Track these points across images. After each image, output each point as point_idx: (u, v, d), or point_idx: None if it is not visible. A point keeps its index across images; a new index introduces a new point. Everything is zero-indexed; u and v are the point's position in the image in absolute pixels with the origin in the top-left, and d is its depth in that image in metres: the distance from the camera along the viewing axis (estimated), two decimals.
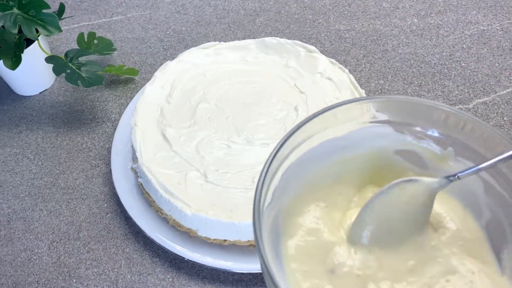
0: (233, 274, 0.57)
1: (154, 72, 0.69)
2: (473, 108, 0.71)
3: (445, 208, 0.39)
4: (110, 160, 0.66)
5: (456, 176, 0.34)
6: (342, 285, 0.35)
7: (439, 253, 0.37)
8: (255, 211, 0.32)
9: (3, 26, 0.62)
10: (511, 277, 0.33)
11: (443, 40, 0.81)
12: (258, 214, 0.32)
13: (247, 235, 0.54)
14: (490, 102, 0.72)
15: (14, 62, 0.66)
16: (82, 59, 0.70)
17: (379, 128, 0.40)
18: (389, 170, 0.41)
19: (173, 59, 0.71)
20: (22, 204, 0.66)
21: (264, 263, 0.31)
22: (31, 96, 0.78)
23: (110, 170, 0.65)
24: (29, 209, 0.65)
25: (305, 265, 0.36)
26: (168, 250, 0.57)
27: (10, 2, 0.62)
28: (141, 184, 0.61)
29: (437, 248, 0.37)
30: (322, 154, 0.40)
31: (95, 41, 0.75)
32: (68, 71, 0.68)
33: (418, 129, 0.39)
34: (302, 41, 0.71)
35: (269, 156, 0.35)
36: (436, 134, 0.39)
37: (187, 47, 0.82)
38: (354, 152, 0.41)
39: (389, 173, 0.40)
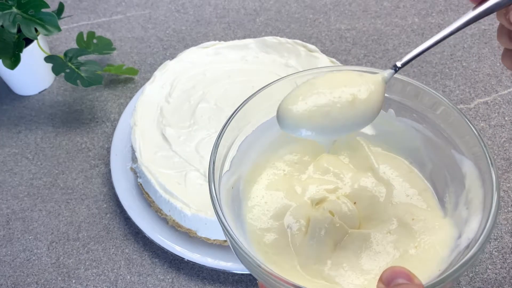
0: (233, 274, 0.57)
1: (154, 71, 0.69)
2: (474, 107, 0.71)
3: (392, 166, 0.43)
4: (109, 160, 0.66)
5: (396, 66, 0.37)
6: (298, 238, 0.39)
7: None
8: (210, 175, 0.37)
9: (2, 26, 0.62)
10: (451, 216, 0.38)
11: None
12: (213, 178, 0.37)
13: None
14: (491, 102, 0.71)
15: (13, 61, 0.66)
16: (82, 58, 0.70)
17: None
18: (339, 138, 0.45)
19: (172, 58, 0.70)
20: (21, 204, 0.65)
21: (222, 222, 0.35)
22: (30, 95, 0.78)
23: (110, 170, 0.65)
24: (28, 209, 0.65)
25: (264, 223, 0.40)
26: (168, 250, 0.57)
27: (9, 1, 0.62)
28: (141, 184, 0.61)
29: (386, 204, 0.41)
30: (275, 127, 0.43)
31: (95, 41, 0.75)
32: (67, 70, 0.67)
33: None
34: (303, 41, 0.71)
35: (222, 128, 0.39)
36: None
37: (186, 46, 0.82)
38: None
39: (340, 141, 0.45)
